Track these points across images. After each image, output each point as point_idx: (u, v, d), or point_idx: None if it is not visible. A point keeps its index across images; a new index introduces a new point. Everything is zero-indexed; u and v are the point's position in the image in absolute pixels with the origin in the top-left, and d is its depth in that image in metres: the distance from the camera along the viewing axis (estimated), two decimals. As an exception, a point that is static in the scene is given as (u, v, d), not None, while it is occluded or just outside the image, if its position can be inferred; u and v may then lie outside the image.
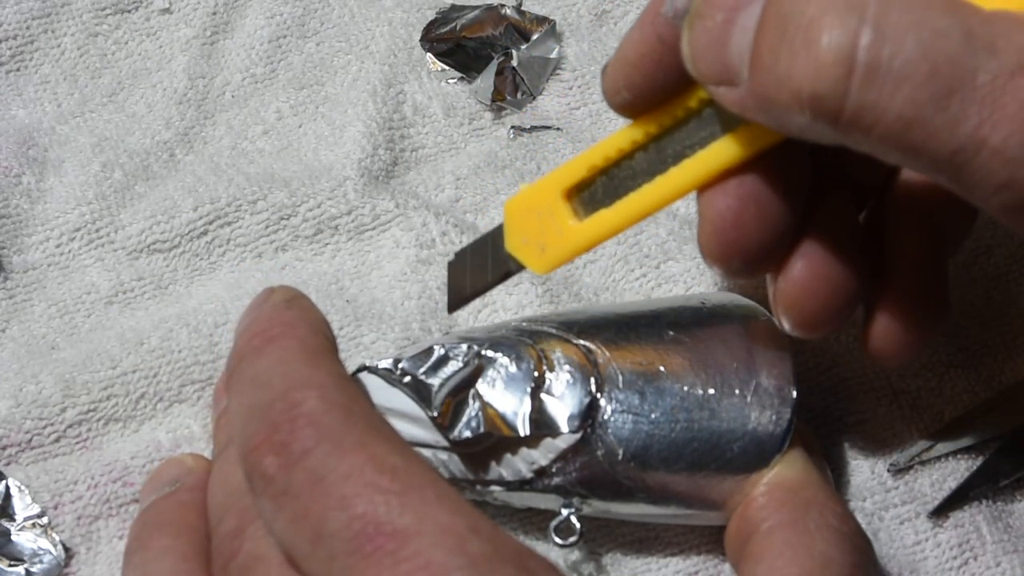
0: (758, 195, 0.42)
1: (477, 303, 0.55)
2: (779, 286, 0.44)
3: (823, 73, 0.36)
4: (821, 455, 0.50)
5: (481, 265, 0.48)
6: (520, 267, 0.46)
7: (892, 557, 0.51)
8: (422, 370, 0.48)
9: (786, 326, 0.45)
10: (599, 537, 0.50)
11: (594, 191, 0.44)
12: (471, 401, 0.47)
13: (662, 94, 0.43)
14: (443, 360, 0.48)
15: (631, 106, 0.44)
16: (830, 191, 0.45)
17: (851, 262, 0.44)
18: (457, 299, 0.48)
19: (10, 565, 0.48)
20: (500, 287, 0.55)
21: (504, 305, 0.55)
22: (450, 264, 0.49)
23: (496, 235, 0.47)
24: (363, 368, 0.48)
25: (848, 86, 0.36)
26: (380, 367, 0.48)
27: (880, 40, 0.36)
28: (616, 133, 0.44)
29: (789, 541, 0.44)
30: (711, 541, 0.50)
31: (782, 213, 0.42)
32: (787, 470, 0.47)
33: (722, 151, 0.42)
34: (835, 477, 0.51)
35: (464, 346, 0.48)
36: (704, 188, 0.43)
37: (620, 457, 0.47)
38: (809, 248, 0.44)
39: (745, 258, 0.43)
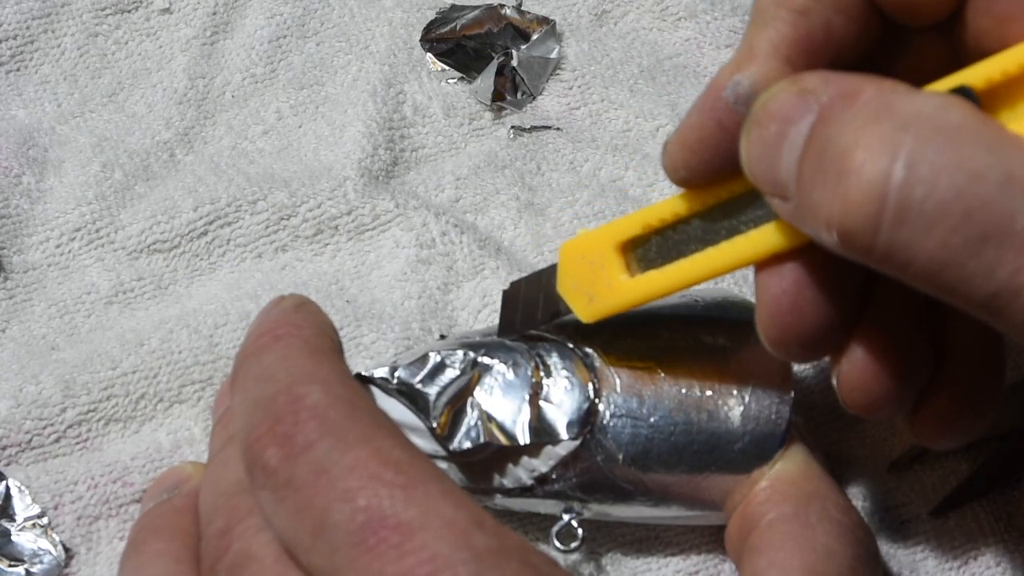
0: (814, 279, 0.41)
1: (476, 302, 0.55)
2: (842, 368, 0.42)
3: (852, 209, 0.35)
4: (820, 452, 0.50)
5: (533, 300, 0.48)
6: (569, 310, 0.46)
7: (892, 556, 0.51)
8: (418, 378, 0.47)
9: (849, 407, 0.43)
10: (599, 537, 0.50)
11: (648, 249, 0.44)
12: (469, 410, 0.47)
13: (722, 173, 0.42)
14: (439, 368, 0.48)
15: (690, 183, 0.43)
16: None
17: (915, 343, 0.43)
18: (507, 329, 0.49)
19: (10, 565, 0.48)
20: (499, 286, 0.55)
21: (504, 305, 0.55)
22: (505, 293, 0.49)
23: (551, 273, 0.47)
24: (358, 377, 0.48)
25: (878, 224, 0.35)
26: (376, 376, 0.48)
27: (913, 180, 0.34)
28: (675, 197, 0.43)
29: (791, 533, 0.44)
30: (711, 541, 0.50)
31: (840, 297, 0.41)
32: (788, 465, 0.47)
33: (774, 234, 0.41)
34: (835, 477, 0.51)
35: (460, 353, 0.48)
36: (759, 267, 0.42)
37: (620, 461, 0.47)
38: (871, 330, 0.42)
39: (803, 343, 0.41)
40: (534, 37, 0.62)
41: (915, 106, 0.35)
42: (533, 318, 0.48)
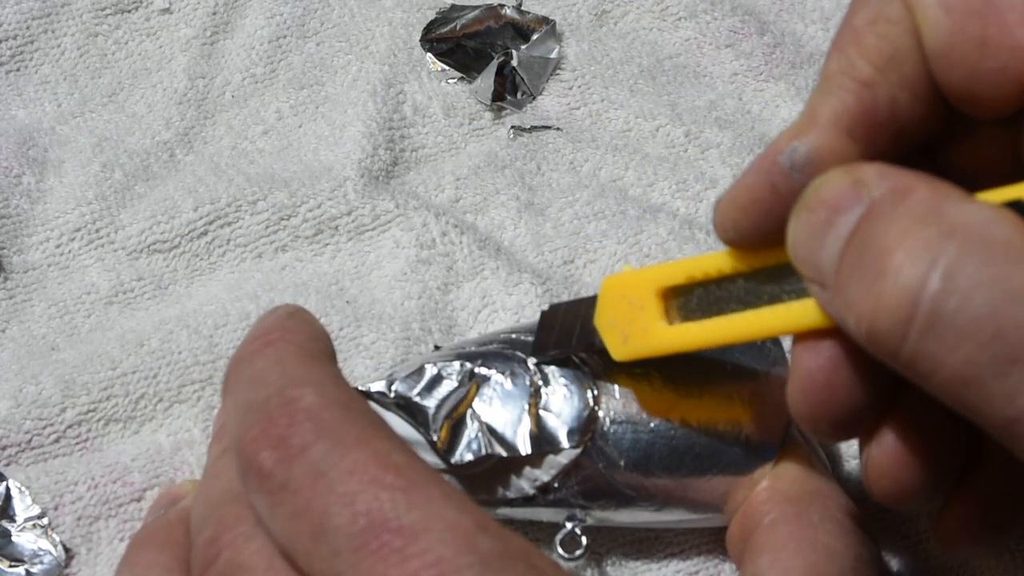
0: (852, 359, 0.39)
1: (476, 302, 0.55)
2: (871, 453, 0.41)
3: (883, 311, 0.35)
4: (820, 451, 0.50)
5: (570, 327, 0.47)
6: (603, 344, 0.46)
7: (892, 556, 0.51)
8: (416, 391, 0.47)
9: (875, 494, 0.42)
10: (600, 538, 0.50)
11: (689, 300, 0.43)
12: (469, 422, 0.47)
13: (770, 238, 0.41)
14: (436, 380, 0.47)
15: (737, 244, 0.42)
16: None
17: (949, 436, 0.41)
18: (541, 350, 0.48)
19: (10, 566, 0.48)
20: (499, 286, 0.55)
21: (504, 305, 0.55)
22: (543, 313, 0.49)
23: (591, 304, 0.46)
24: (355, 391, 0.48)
25: (907, 330, 0.34)
26: (373, 390, 0.47)
27: (948, 291, 0.33)
28: (721, 253, 0.43)
29: (792, 534, 0.44)
30: (711, 541, 0.50)
31: (876, 379, 0.39)
32: (789, 464, 0.47)
33: (816, 310, 0.40)
34: (834, 476, 0.51)
35: (457, 364, 0.47)
36: (796, 339, 0.41)
37: (622, 467, 0.47)
38: (905, 416, 0.41)
39: (834, 422, 0.40)
40: (534, 37, 0.62)
41: (964, 215, 0.35)
42: (567, 345, 0.47)
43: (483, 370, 0.47)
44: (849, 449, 0.53)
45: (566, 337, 0.47)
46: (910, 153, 0.41)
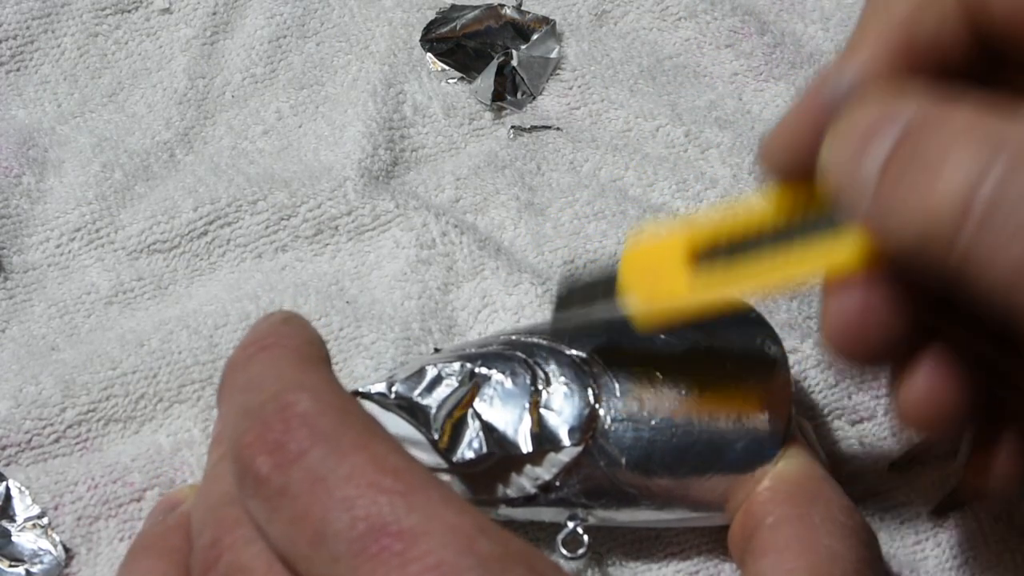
0: (886, 295, 0.39)
1: (476, 302, 0.55)
2: (904, 380, 0.41)
3: (935, 210, 0.34)
4: (821, 452, 0.50)
5: (591, 297, 0.46)
6: (626, 306, 0.44)
7: (893, 556, 0.51)
8: (417, 392, 0.47)
9: (907, 420, 0.41)
10: (600, 538, 0.50)
11: (717, 253, 0.42)
12: (470, 421, 0.47)
13: (808, 173, 0.40)
14: (437, 381, 0.47)
15: (781, 174, 0.42)
16: None
17: (985, 364, 0.41)
18: (563, 309, 0.47)
19: (10, 566, 0.48)
20: (499, 286, 0.55)
21: (504, 305, 0.55)
22: (559, 294, 0.47)
23: (611, 278, 0.45)
24: (355, 394, 0.47)
25: (961, 226, 0.34)
26: (373, 392, 0.47)
27: (1011, 176, 0.33)
28: (748, 204, 0.42)
29: (795, 535, 0.44)
30: (711, 541, 0.50)
31: (911, 316, 0.39)
32: (790, 465, 0.47)
33: (850, 246, 0.39)
34: (835, 477, 0.51)
35: (457, 365, 0.48)
36: (827, 281, 0.40)
37: (623, 466, 0.47)
38: (939, 351, 0.40)
39: (867, 358, 0.40)
40: (534, 37, 0.62)
41: (1014, 122, 0.34)
42: (590, 305, 0.46)
43: (483, 370, 0.47)
44: (850, 450, 0.53)
45: (588, 300, 0.46)
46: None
